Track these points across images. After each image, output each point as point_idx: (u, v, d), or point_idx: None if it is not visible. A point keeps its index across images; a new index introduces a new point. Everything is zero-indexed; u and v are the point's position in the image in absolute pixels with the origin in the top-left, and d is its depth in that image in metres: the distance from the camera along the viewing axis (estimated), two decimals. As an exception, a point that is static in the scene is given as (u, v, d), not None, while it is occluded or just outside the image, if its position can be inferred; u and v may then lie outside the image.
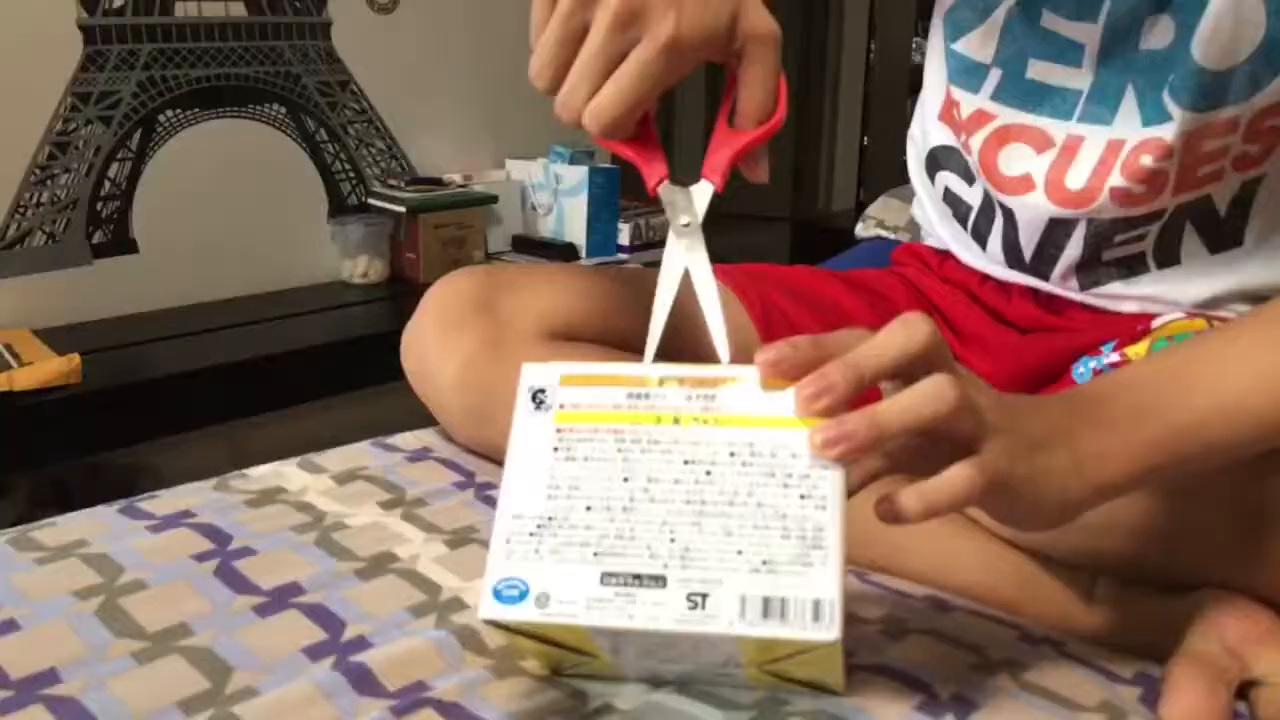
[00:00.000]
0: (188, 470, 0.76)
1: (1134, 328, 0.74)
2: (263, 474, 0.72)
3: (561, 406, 0.46)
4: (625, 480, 0.44)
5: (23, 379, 1.38)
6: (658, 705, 0.48)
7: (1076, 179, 0.72)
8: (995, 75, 0.75)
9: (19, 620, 0.53)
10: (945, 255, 0.86)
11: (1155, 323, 0.74)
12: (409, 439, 0.79)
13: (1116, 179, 0.70)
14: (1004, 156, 0.75)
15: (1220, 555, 0.55)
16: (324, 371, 1.70)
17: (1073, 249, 0.75)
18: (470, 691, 0.49)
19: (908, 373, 0.43)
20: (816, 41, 3.40)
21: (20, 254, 1.66)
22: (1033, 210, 0.75)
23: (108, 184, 1.74)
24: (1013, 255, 0.78)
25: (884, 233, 1.50)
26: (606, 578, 0.42)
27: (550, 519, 0.44)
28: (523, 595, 0.42)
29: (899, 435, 0.42)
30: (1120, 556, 0.58)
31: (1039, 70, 0.73)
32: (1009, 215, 0.77)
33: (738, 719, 0.47)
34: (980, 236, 0.81)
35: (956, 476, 0.43)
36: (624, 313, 0.74)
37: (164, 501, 0.67)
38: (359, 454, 0.76)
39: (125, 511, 0.65)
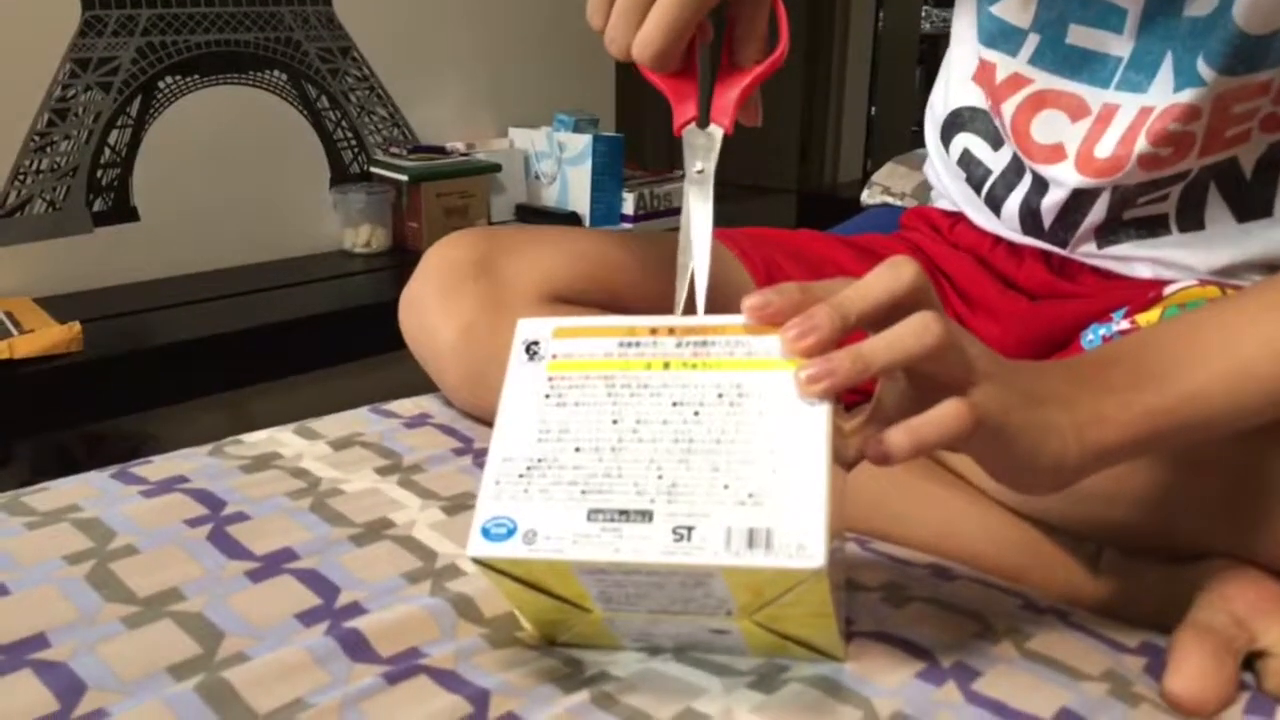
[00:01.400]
0: (189, 438, 0.76)
1: (1145, 295, 0.73)
2: (258, 440, 0.71)
3: (554, 356, 0.46)
4: (614, 422, 0.44)
5: (23, 347, 1.38)
6: (655, 672, 0.48)
7: (1105, 148, 0.70)
8: (1033, 40, 0.73)
9: (8, 584, 0.52)
10: (957, 218, 0.85)
11: (1168, 290, 0.73)
12: (407, 405, 0.79)
13: (1143, 145, 0.68)
14: (1038, 123, 0.74)
15: (1227, 526, 0.54)
16: (326, 340, 1.69)
17: (1095, 215, 0.73)
18: (464, 659, 0.48)
19: (893, 316, 0.43)
20: (824, 10, 3.36)
21: (20, 222, 1.65)
22: (1060, 180, 0.73)
23: (108, 151, 1.73)
24: (1030, 221, 0.77)
25: (890, 199, 1.48)
26: (593, 514, 0.42)
27: (540, 460, 0.44)
28: (510, 533, 0.43)
29: (883, 369, 0.42)
30: (1126, 527, 0.57)
31: (1079, 35, 0.71)
32: (1039, 183, 0.75)
33: (736, 684, 0.47)
34: (995, 202, 0.79)
35: (946, 411, 0.42)
36: (625, 276, 0.73)
37: (158, 467, 0.66)
38: (356, 420, 0.75)
39: (118, 477, 0.65)
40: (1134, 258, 0.74)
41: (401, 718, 0.44)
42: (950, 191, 0.85)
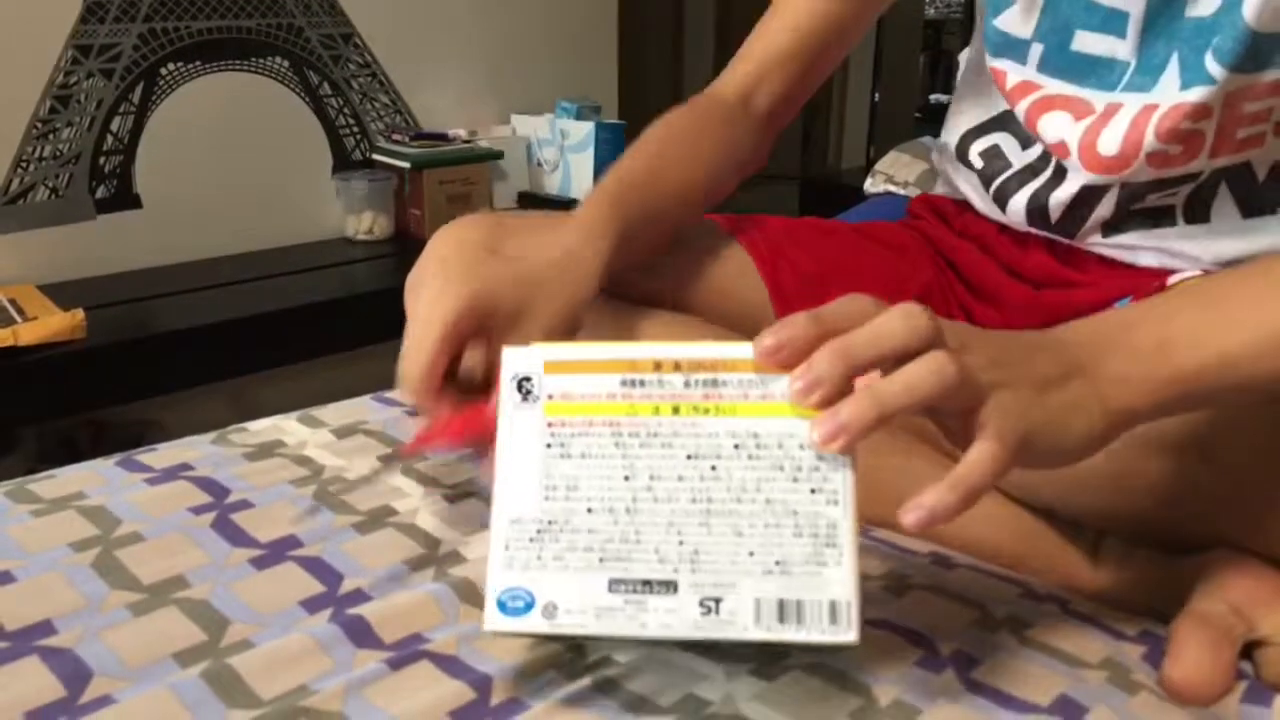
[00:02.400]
0: (192, 426, 0.76)
1: (1149, 284, 0.73)
2: (262, 428, 0.72)
3: (550, 397, 0.43)
4: (626, 479, 0.42)
5: (27, 334, 1.38)
6: (657, 658, 0.48)
7: (1110, 144, 0.70)
8: (1038, 49, 0.73)
9: (15, 572, 0.53)
10: (964, 206, 0.85)
11: (1171, 280, 0.73)
12: (410, 394, 0.79)
13: (1151, 143, 0.68)
14: (1043, 123, 0.74)
15: (1227, 516, 0.54)
16: (328, 328, 1.69)
17: (1103, 210, 0.73)
18: (467, 643, 0.49)
19: (902, 360, 0.42)
20: (827, -4, 3.35)
21: (24, 209, 1.65)
22: (1073, 176, 0.73)
23: (110, 138, 1.73)
24: (1037, 215, 0.77)
25: (893, 188, 1.48)
26: (615, 584, 0.41)
27: (550, 523, 0.42)
28: (528, 606, 0.41)
29: (900, 414, 0.41)
30: (1127, 515, 0.58)
31: (1084, 42, 0.71)
32: (1057, 175, 0.75)
33: (737, 671, 0.47)
34: (1003, 197, 0.79)
35: (978, 458, 0.41)
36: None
37: (162, 454, 0.66)
38: (359, 408, 0.76)
39: (123, 464, 0.65)
40: (1139, 246, 0.74)
41: (405, 704, 0.45)
42: (957, 182, 0.84)
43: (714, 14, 3.53)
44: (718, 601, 0.40)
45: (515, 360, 0.44)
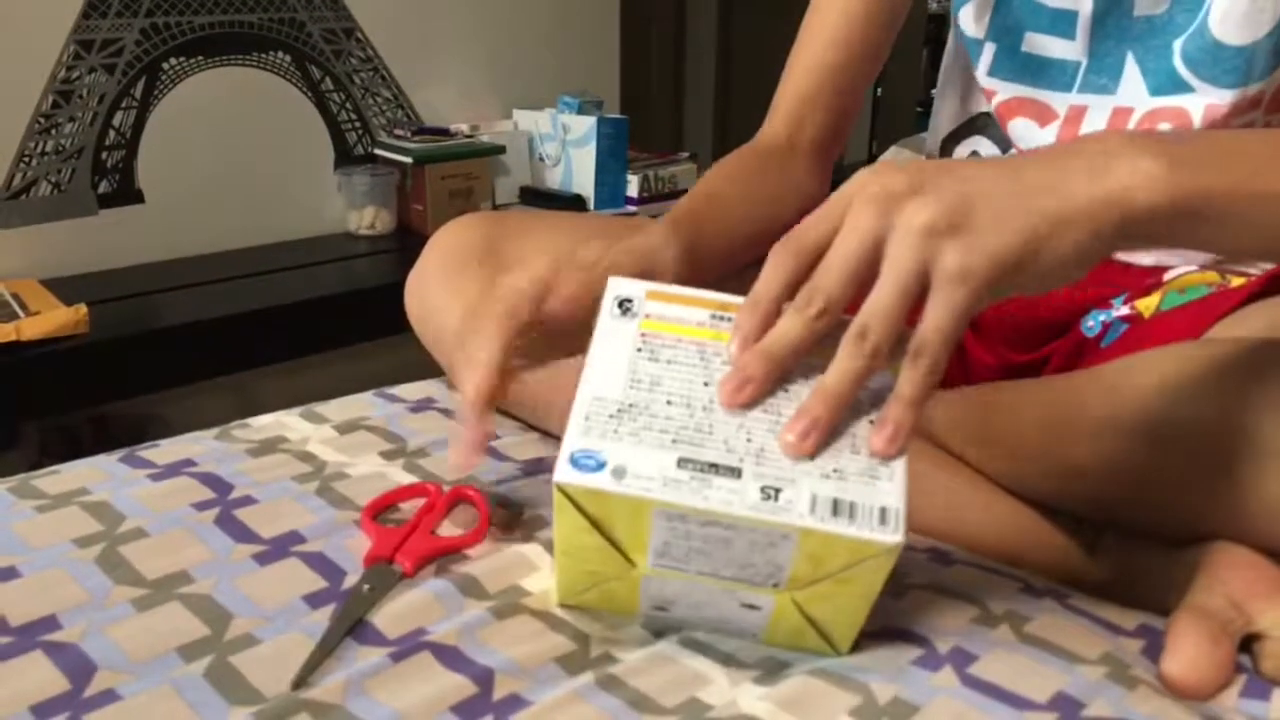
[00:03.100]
0: (195, 420, 0.76)
1: (1145, 280, 0.73)
2: (264, 424, 0.72)
3: (647, 316, 0.47)
4: (705, 385, 0.45)
5: (30, 329, 1.38)
6: (661, 656, 0.48)
7: None
8: (990, 49, 0.73)
9: (19, 567, 0.53)
10: None
11: (1168, 275, 0.73)
12: (411, 389, 0.79)
13: None
14: (1012, 128, 0.74)
15: (1226, 508, 0.55)
16: (331, 323, 1.69)
17: None
18: (468, 635, 0.49)
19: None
20: (830, -11, 3.34)
21: (26, 204, 1.66)
22: None
23: (112, 133, 1.73)
24: None
25: (894, 184, 1.48)
26: (683, 462, 0.43)
27: (631, 405, 0.45)
28: (600, 465, 0.43)
29: (880, 355, 0.43)
30: (1124, 508, 0.58)
31: (1034, 43, 0.71)
32: None
33: (740, 677, 0.47)
34: None
35: (931, 315, 0.42)
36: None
37: (165, 450, 0.67)
38: (361, 404, 0.76)
39: (126, 460, 0.65)
40: (1138, 250, 0.74)
41: (406, 698, 0.45)
42: None
43: (716, 8, 3.53)
44: (777, 490, 0.43)
45: (620, 286, 0.48)
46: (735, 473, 0.43)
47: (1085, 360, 0.71)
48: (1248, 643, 0.51)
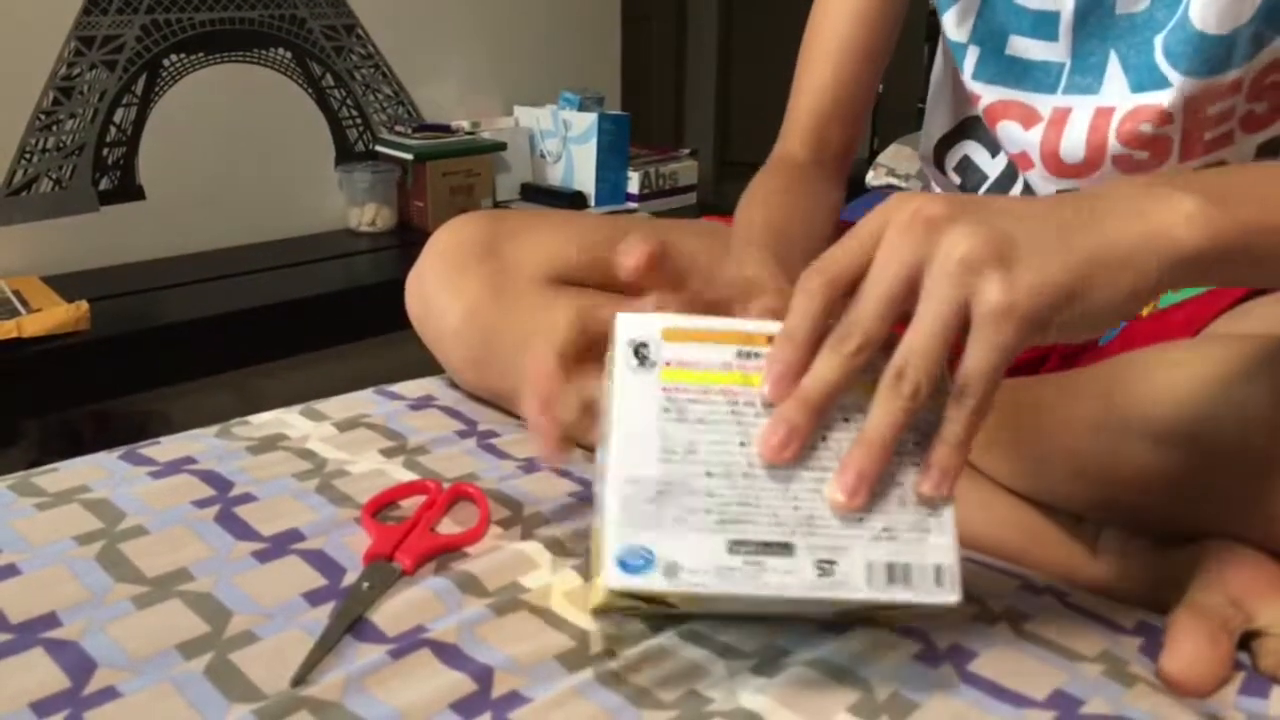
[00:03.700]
0: (196, 417, 0.76)
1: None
2: (264, 421, 0.72)
3: (667, 364, 0.44)
4: (741, 445, 0.43)
5: (31, 325, 1.39)
6: (660, 650, 0.48)
7: (1072, 151, 0.70)
8: (974, 52, 0.73)
9: (19, 565, 0.53)
10: None
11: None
12: (411, 387, 0.79)
13: (1115, 146, 0.68)
14: (1000, 132, 0.74)
15: (1225, 506, 0.55)
16: (331, 320, 1.70)
17: None
18: (468, 632, 0.49)
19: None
20: (831, -14, 3.34)
21: (27, 200, 1.66)
22: (1038, 186, 0.73)
23: (113, 130, 1.73)
24: None
25: (895, 181, 1.48)
26: (734, 546, 0.42)
27: (669, 484, 0.42)
28: (649, 563, 0.42)
29: (923, 391, 0.40)
30: (1125, 506, 0.58)
31: (1017, 45, 0.71)
32: (1028, 188, 0.75)
33: (739, 667, 0.47)
34: None
35: (973, 354, 0.40)
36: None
37: (165, 448, 0.67)
38: (361, 401, 0.76)
39: (127, 458, 0.65)
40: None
41: (406, 695, 0.45)
42: (940, 189, 0.85)
43: (717, 4, 3.52)
44: (831, 564, 0.42)
45: (631, 326, 0.44)
46: (788, 549, 0.42)
47: (1084, 358, 0.71)
48: (1246, 640, 0.51)
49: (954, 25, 0.74)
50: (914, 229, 0.40)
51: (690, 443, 0.43)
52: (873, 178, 1.53)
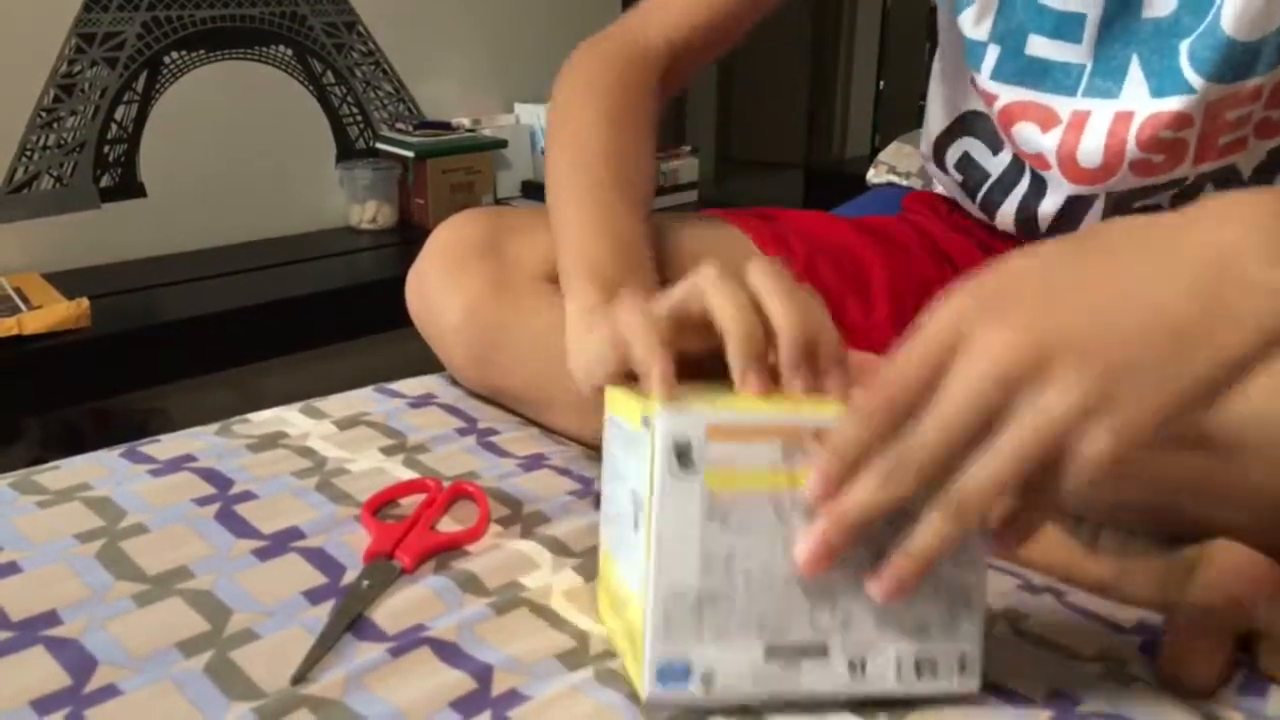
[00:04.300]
0: (197, 415, 0.76)
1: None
2: (265, 419, 0.72)
3: (710, 464, 0.42)
4: (784, 549, 0.42)
5: (32, 323, 1.39)
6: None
7: (1090, 156, 0.70)
8: (994, 52, 0.73)
9: (20, 562, 0.53)
10: (955, 204, 0.85)
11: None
12: (412, 385, 0.79)
13: (1134, 151, 0.68)
14: (1016, 133, 0.74)
15: (1235, 507, 0.55)
16: (332, 317, 1.70)
17: (1091, 219, 0.74)
18: (467, 631, 0.49)
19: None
20: (832, -17, 3.34)
21: (28, 197, 1.66)
22: (1053, 187, 0.73)
23: (114, 127, 1.73)
24: (1027, 227, 0.77)
25: (895, 179, 1.48)
26: (771, 651, 0.42)
27: (711, 595, 0.42)
28: (686, 675, 0.42)
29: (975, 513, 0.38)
30: (1127, 507, 0.58)
31: (1038, 46, 0.70)
32: (1037, 184, 0.75)
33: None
34: (991, 206, 0.79)
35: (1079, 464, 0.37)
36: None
37: (166, 446, 0.67)
38: (361, 399, 0.76)
39: (127, 455, 0.65)
40: None
41: (405, 693, 0.45)
42: (940, 189, 0.85)
43: (718, 1, 3.51)
44: (864, 662, 0.43)
45: (675, 427, 0.41)
46: (822, 650, 0.42)
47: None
48: (1246, 640, 0.51)
49: (971, 23, 0.73)
50: (1000, 367, 0.37)
51: (731, 549, 0.42)
52: (873, 175, 1.53)
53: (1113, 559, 0.59)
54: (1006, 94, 0.73)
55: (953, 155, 0.82)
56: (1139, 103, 0.68)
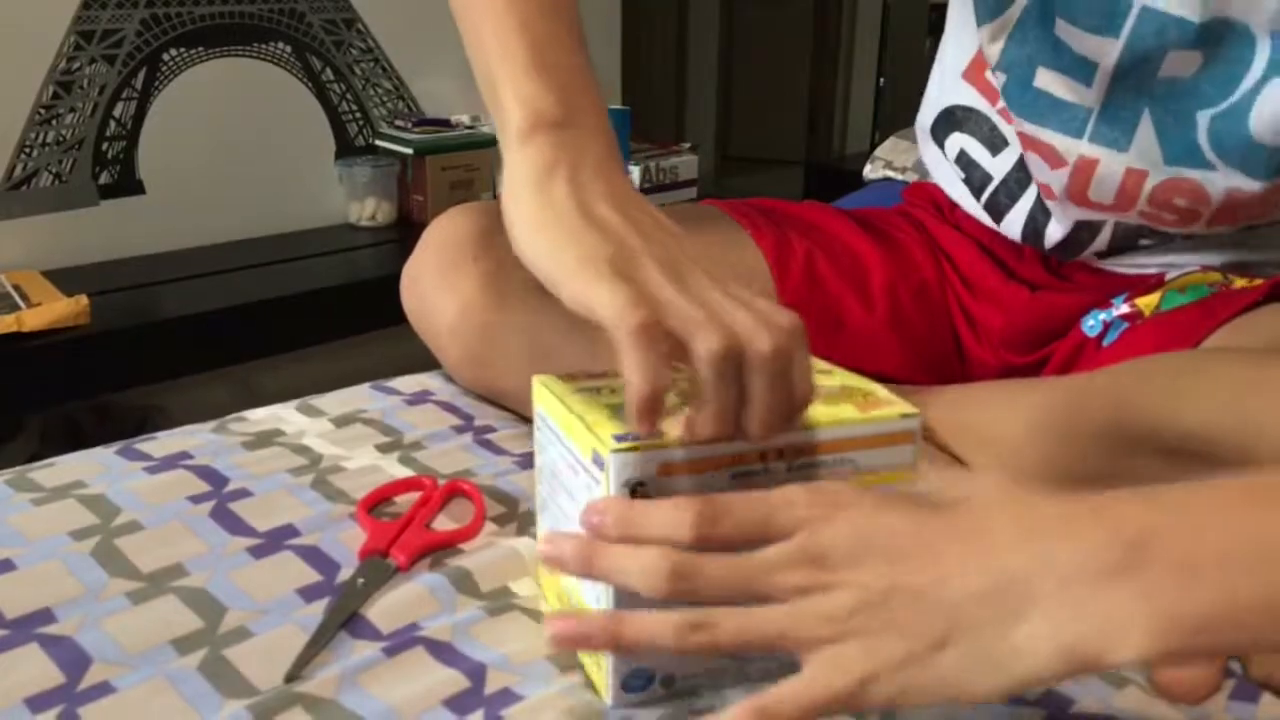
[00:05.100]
0: (196, 411, 0.76)
1: (1146, 280, 0.73)
2: (261, 417, 0.72)
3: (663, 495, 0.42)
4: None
5: (31, 320, 1.39)
6: (649, 650, 0.48)
7: (1101, 196, 0.69)
8: (1000, 79, 0.71)
9: (15, 560, 0.53)
10: (956, 203, 0.84)
11: (1169, 275, 0.73)
12: (408, 382, 0.79)
13: (1145, 205, 0.68)
14: (1029, 163, 0.73)
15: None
16: (332, 314, 1.69)
17: (1098, 244, 0.73)
18: (461, 630, 0.49)
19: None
20: (833, -20, 3.33)
21: (27, 195, 1.66)
22: (1062, 212, 0.73)
23: (113, 124, 1.73)
24: (1034, 240, 0.76)
25: (892, 174, 1.48)
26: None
27: (667, 608, 0.42)
28: (649, 681, 0.45)
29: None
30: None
31: (1046, 80, 0.68)
32: (1045, 206, 0.75)
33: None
34: (997, 210, 0.78)
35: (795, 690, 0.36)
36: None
37: (162, 443, 0.67)
38: (358, 397, 0.76)
39: (123, 453, 0.65)
40: (1142, 265, 0.74)
41: (399, 692, 0.45)
42: (946, 190, 0.84)
43: (718, -2, 3.52)
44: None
45: (627, 465, 0.42)
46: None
47: (1085, 360, 0.71)
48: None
49: (988, 41, 0.72)
50: (816, 614, 0.37)
51: None
52: (870, 170, 1.53)
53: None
54: (1018, 124, 0.72)
55: (952, 147, 0.81)
56: (1153, 164, 0.66)
